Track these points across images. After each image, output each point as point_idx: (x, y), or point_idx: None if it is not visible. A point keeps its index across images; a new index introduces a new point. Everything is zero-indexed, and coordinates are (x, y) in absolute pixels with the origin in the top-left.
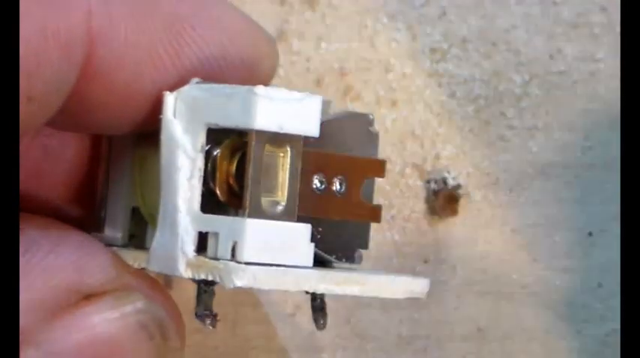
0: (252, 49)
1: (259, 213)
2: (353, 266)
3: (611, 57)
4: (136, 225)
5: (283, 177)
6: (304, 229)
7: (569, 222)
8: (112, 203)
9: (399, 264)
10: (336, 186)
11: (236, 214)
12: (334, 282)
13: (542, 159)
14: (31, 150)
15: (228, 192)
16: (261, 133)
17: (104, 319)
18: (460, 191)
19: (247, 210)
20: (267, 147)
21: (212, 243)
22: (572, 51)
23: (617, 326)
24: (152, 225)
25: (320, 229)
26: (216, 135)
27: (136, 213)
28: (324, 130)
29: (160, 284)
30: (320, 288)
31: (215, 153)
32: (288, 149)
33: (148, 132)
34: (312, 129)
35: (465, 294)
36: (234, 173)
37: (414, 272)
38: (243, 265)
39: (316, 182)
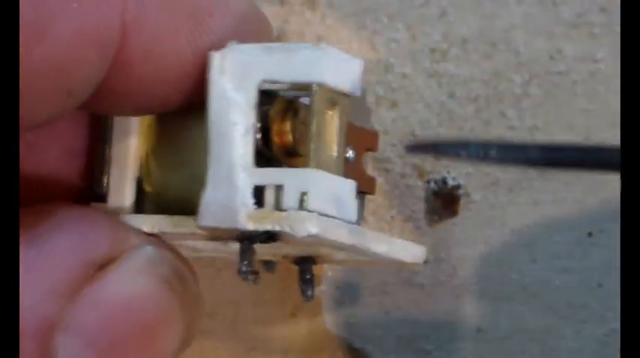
0: (257, 34)
1: (321, 166)
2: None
3: (611, 57)
4: (138, 196)
5: (332, 133)
6: (352, 185)
7: (569, 223)
8: (116, 174)
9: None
10: (349, 153)
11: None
12: (370, 239)
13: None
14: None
15: (283, 149)
16: (323, 88)
17: (125, 283)
18: (460, 191)
19: (314, 162)
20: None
21: (271, 195)
22: (572, 51)
23: (617, 326)
24: (152, 196)
25: None
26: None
27: (138, 184)
28: None
29: (160, 238)
30: (363, 244)
31: (266, 109)
32: (337, 108)
33: None
34: (356, 89)
35: (465, 295)
36: (289, 130)
37: (413, 273)
38: (316, 214)
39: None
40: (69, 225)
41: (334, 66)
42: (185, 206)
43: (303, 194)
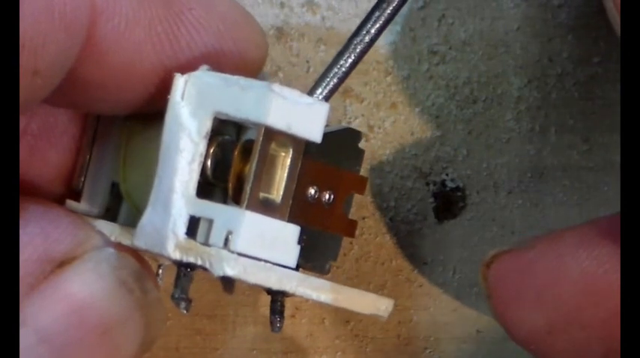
0: (246, 38)
1: (256, 207)
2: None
3: (610, 59)
4: (113, 199)
5: (281, 176)
6: (294, 230)
7: (568, 225)
8: (92, 175)
9: (398, 265)
10: (326, 197)
11: (224, 202)
12: (312, 287)
13: (540, 161)
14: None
15: (239, 189)
16: (270, 130)
17: (82, 283)
18: (459, 193)
19: (246, 202)
20: (272, 145)
21: (203, 228)
22: (571, 53)
23: None
24: (128, 201)
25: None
26: (215, 125)
27: (114, 187)
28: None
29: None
30: (299, 291)
31: (228, 139)
32: (291, 150)
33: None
34: (316, 135)
35: (464, 296)
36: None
37: (413, 274)
38: (236, 255)
39: (311, 191)
40: (33, 220)
41: (286, 109)
42: None
43: (229, 233)
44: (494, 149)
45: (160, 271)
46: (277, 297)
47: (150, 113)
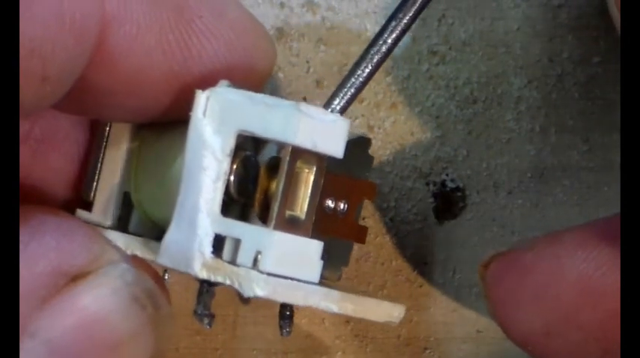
0: (255, 46)
1: (283, 226)
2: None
3: (610, 60)
4: (124, 208)
5: (305, 193)
6: (318, 246)
7: (568, 225)
8: (104, 185)
9: (398, 266)
10: (341, 207)
11: (242, 217)
12: (333, 300)
13: (540, 161)
14: (27, 134)
15: (264, 206)
16: (297, 149)
17: (95, 297)
18: (459, 193)
19: (273, 223)
20: (297, 163)
21: (230, 247)
22: (571, 54)
23: None
24: (140, 211)
25: None
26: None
27: (126, 197)
28: None
29: (139, 257)
30: (321, 305)
31: (250, 154)
32: (314, 167)
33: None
34: (339, 151)
35: (464, 296)
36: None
37: (413, 274)
38: (265, 276)
39: (329, 203)
40: (47, 232)
41: (312, 128)
42: (168, 225)
43: (258, 253)
44: (494, 149)
45: (167, 274)
46: (287, 304)
47: (162, 122)
